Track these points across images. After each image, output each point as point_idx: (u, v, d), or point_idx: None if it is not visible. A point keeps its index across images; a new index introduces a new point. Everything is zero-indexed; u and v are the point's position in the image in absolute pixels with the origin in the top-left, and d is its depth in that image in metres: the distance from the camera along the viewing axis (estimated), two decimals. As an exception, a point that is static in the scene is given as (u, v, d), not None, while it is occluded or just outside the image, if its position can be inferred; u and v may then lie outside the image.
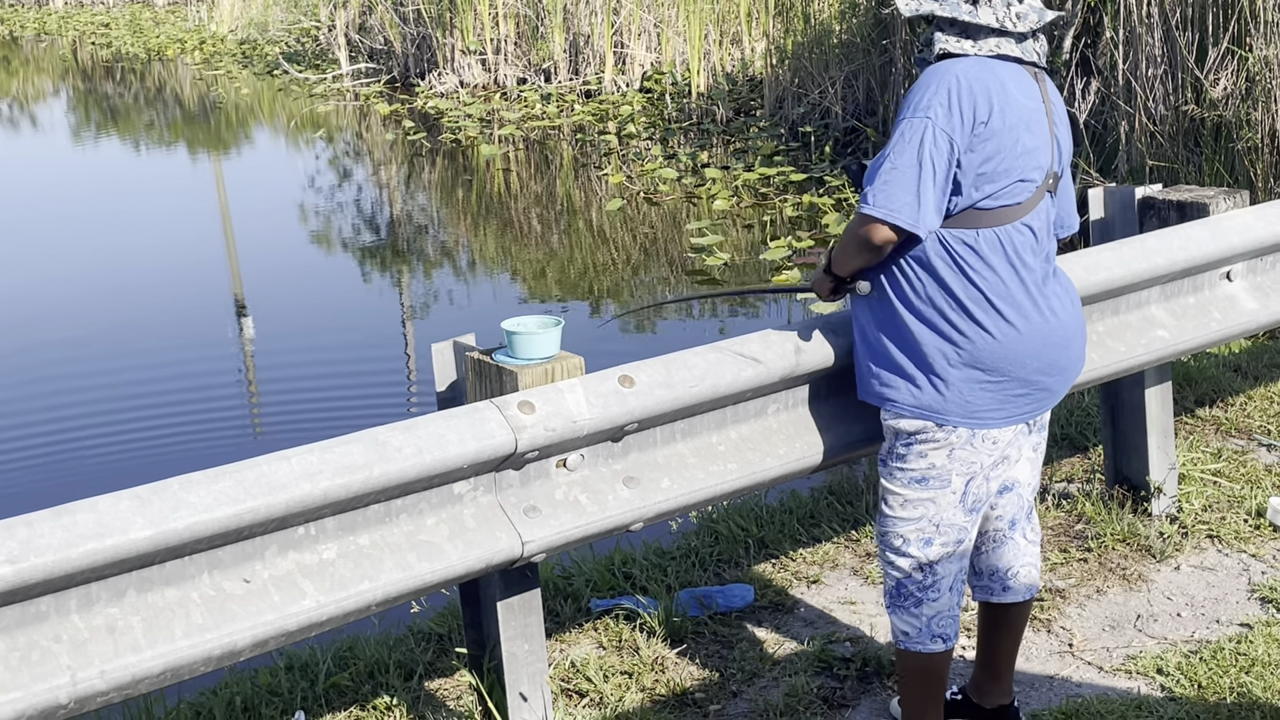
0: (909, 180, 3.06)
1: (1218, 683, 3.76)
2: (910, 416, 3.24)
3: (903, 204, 3.06)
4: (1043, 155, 3.19)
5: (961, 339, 3.16)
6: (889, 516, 3.35)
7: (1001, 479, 3.35)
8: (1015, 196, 3.15)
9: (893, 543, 3.36)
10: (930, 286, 3.17)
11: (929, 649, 3.37)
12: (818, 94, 12.98)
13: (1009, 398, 3.21)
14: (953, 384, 3.17)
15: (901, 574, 3.36)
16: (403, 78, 18.95)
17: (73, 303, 9.96)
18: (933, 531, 3.30)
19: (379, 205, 13.54)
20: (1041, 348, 3.20)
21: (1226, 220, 4.48)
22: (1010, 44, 3.17)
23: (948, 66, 3.13)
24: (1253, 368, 6.10)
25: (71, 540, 2.68)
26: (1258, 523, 4.69)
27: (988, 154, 3.09)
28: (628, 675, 4.01)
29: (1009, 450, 3.30)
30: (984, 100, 3.08)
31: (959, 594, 3.38)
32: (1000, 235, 3.15)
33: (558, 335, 3.37)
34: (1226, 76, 8.31)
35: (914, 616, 3.37)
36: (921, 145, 3.06)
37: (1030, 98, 3.17)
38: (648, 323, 9.10)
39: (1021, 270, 3.17)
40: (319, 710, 3.95)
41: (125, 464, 6.86)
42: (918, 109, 3.09)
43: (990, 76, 3.12)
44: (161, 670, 2.82)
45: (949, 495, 3.27)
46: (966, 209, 3.13)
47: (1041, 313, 3.20)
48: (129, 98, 21.82)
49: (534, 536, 3.26)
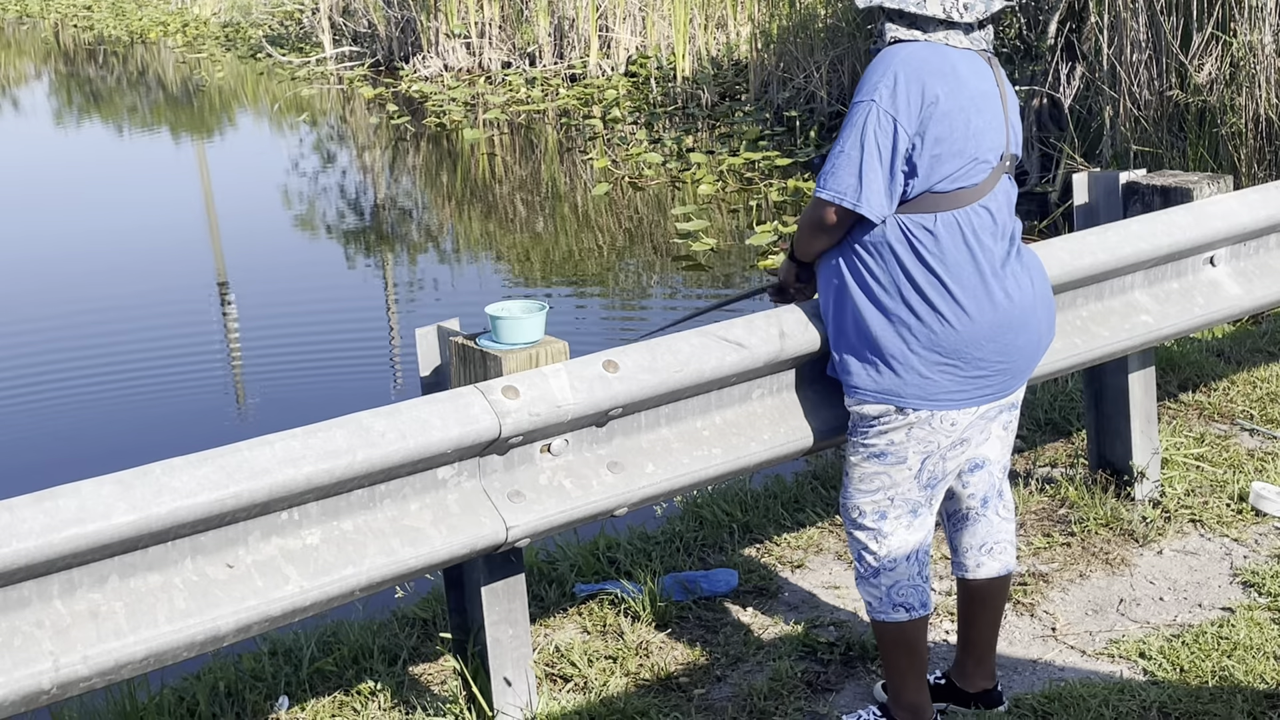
0: (853, 162, 3.14)
1: (1200, 666, 3.78)
2: (872, 402, 3.29)
3: (848, 186, 3.15)
4: (996, 136, 3.23)
5: (919, 325, 3.20)
6: (849, 489, 3.44)
7: (961, 459, 3.39)
8: (971, 178, 3.19)
9: (851, 515, 3.45)
10: (889, 272, 3.21)
11: (892, 618, 3.44)
12: (803, 78, 12.97)
13: (968, 380, 3.25)
14: (911, 367, 3.22)
15: (860, 545, 3.45)
16: (387, 61, 18.88)
17: (51, 286, 9.91)
18: (887, 505, 3.38)
19: (363, 189, 13.50)
20: (997, 331, 3.24)
21: (1210, 205, 4.49)
22: (958, 35, 3.22)
23: (896, 50, 3.18)
24: (1236, 353, 6.11)
25: (54, 525, 2.67)
26: (1240, 507, 4.71)
27: (938, 134, 3.13)
28: (612, 660, 4.02)
29: (968, 433, 3.34)
30: (932, 82, 3.13)
31: (920, 565, 3.44)
32: (959, 218, 3.19)
33: (542, 320, 3.37)
34: (1211, 61, 8.32)
35: (874, 586, 3.45)
36: (865, 128, 3.13)
37: (982, 79, 3.22)
38: (632, 308, 9.09)
39: (979, 253, 3.20)
40: (303, 695, 3.94)
41: (106, 447, 6.85)
42: (865, 92, 3.16)
43: (939, 59, 3.17)
44: (144, 655, 2.81)
45: (904, 471, 3.34)
46: (924, 193, 3.17)
47: (996, 297, 3.22)
48: (111, 81, 21.72)
49: (518, 521, 3.26)
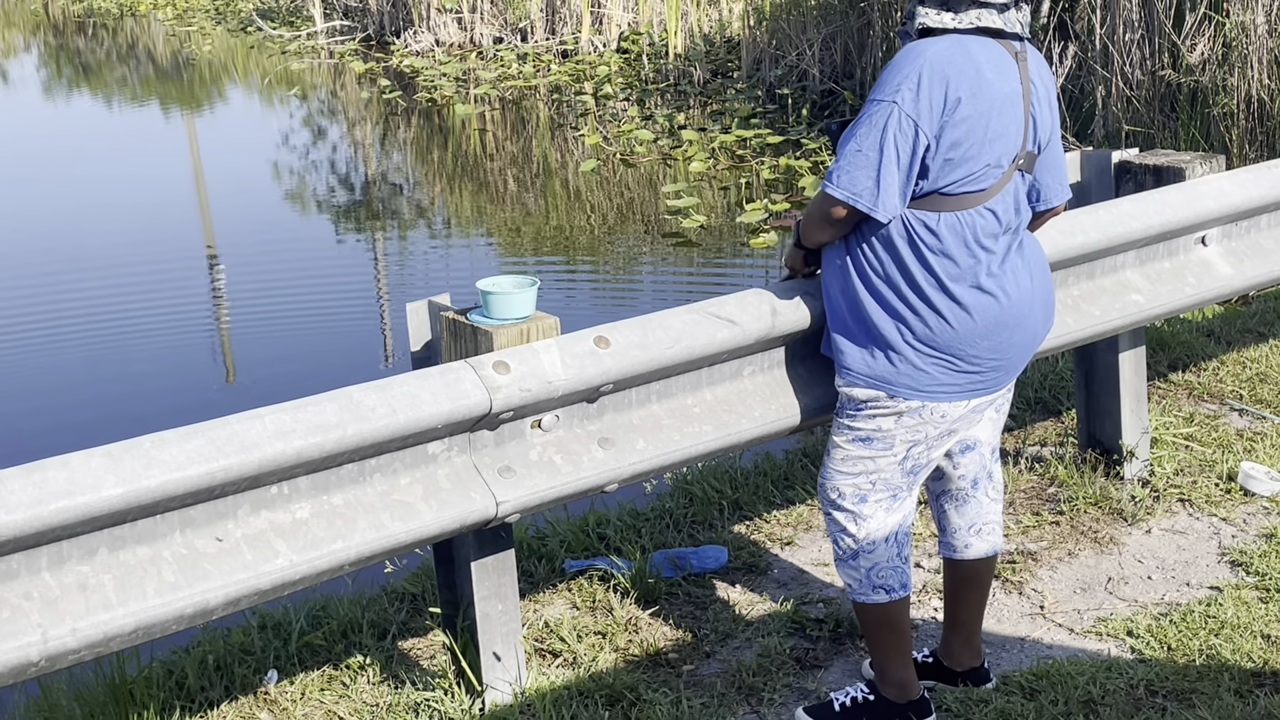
0: (871, 164, 3.10)
1: (1187, 645, 3.79)
2: (863, 385, 3.28)
3: (864, 188, 3.11)
4: (1013, 139, 3.18)
5: (914, 319, 3.19)
6: (830, 469, 3.42)
7: (946, 448, 3.39)
8: (980, 183, 3.15)
9: (830, 495, 3.43)
10: (889, 265, 3.19)
11: (872, 599, 3.43)
12: (795, 56, 12.94)
13: (961, 375, 3.24)
14: (906, 358, 3.21)
15: (838, 527, 3.44)
16: (378, 36, 18.80)
17: (38, 259, 9.87)
18: (868, 488, 3.37)
19: (353, 164, 13.45)
20: (992, 330, 3.22)
21: (1202, 185, 4.48)
22: (992, 15, 3.14)
23: (922, 48, 3.11)
24: (1226, 333, 6.12)
25: (42, 498, 2.67)
26: (1228, 487, 4.72)
27: (955, 139, 3.09)
28: (601, 635, 4.02)
29: (958, 424, 3.33)
30: (955, 84, 3.07)
31: (899, 546, 3.43)
32: (962, 219, 3.16)
33: (533, 296, 3.36)
34: (1203, 42, 8.31)
35: (853, 569, 3.44)
36: (886, 130, 3.08)
37: (1006, 79, 3.15)
38: (623, 285, 9.08)
39: (979, 254, 3.18)
40: (292, 669, 3.95)
41: (94, 419, 6.83)
42: (888, 92, 3.10)
43: (964, 59, 3.10)
44: (133, 628, 2.81)
45: (889, 457, 3.33)
46: (931, 193, 3.14)
47: (993, 297, 3.20)
48: (101, 53, 21.61)
49: (508, 497, 3.26)
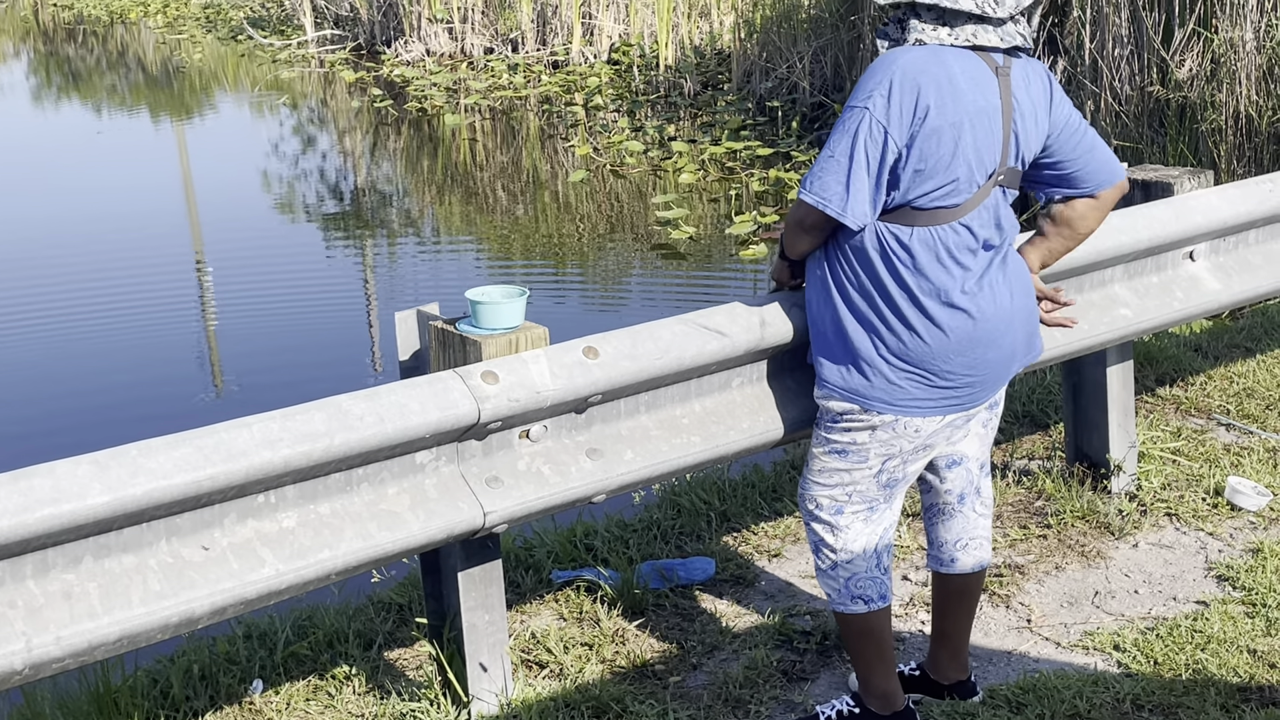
0: (841, 170, 3.09)
1: (1174, 659, 3.79)
2: (839, 398, 3.28)
3: (834, 193, 3.10)
4: (989, 154, 3.13)
5: (888, 333, 3.18)
6: (808, 480, 3.44)
7: (922, 463, 3.39)
8: (951, 198, 3.12)
9: (808, 506, 3.45)
10: (864, 279, 3.19)
11: (851, 609, 3.44)
12: (785, 69, 12.97)
13: (935, 390, 3.23)
14: (880, 372, 3.21)
15: (817, 537, 3.45)
16: (368, 45, 18.81)
17: (26, 265, 9.85)
18: (845, 500, 3.38)
19: (343, 173, 13.45)
20: (966, 346, 3.20)
21: (1191, 200, 4.50)
22: (988, 31, 3.11)
23: (896, 55, 3.10)
24: (1213, 348, 6.13)
25: (28, 505, 2.66)
26: (1215, 501, 4.73)
27: (924, 150, 3.07)
28: (588, 647, 4.01)
29: (933, 439, 3.32)
30: (925, 93, 3.04)
31: (878, 558, 3.43)
32: (935, 234, 3.13)
33: (522, 306, 3.36)
34: (1192, 58, 8.34)
35: (832, 579, 3.45)
36: (857, 136, 3.08)
37: (982, 93, 3.10)
38: (612, 295, 9.08)
39: (954, 269, 3.16)
40: (277, 679, 3.93)
41: (81, 426, 6.81)
42: (860, 98, 3.10)
43: (938, 68, 3.07)
44: (118, 637, 2.80)
45: (865, 470, 3.34)
46: (902, 205, 3.13)
47: (967, 314, 3.18)
48: (91, 61, 21.58)
49: (496, 507, 3.25)
